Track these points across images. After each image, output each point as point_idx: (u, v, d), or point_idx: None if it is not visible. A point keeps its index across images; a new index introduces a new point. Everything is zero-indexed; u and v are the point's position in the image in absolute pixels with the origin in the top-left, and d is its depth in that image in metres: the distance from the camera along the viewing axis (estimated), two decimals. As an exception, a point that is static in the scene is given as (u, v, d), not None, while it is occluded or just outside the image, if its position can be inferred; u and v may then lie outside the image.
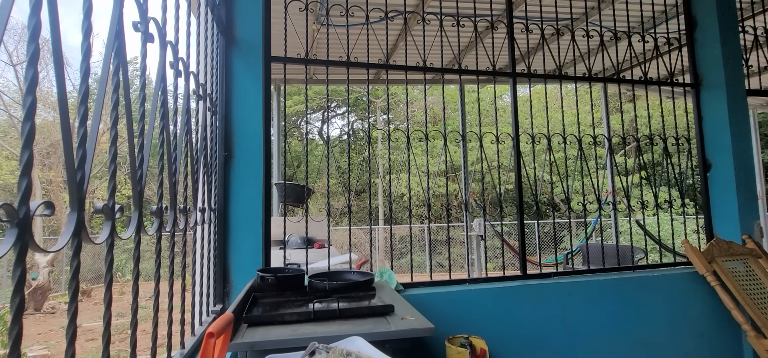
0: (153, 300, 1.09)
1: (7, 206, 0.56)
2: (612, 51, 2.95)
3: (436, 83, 5.43)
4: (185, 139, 1.35)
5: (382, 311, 1.33)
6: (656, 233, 2.86)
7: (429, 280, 2.31)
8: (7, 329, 1.98)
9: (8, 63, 12.92)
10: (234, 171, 1.91)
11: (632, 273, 2.51)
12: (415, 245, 12.33)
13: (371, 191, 2.93)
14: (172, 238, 1.23)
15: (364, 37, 2.44)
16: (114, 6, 0.86)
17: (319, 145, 15.90)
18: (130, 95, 0.94)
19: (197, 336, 1.41)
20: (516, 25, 2.60)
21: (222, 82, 1.90)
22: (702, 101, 2.84)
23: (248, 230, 1.91)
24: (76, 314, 0.73)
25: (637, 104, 7.77)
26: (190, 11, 1.45)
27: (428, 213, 2.56)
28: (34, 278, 8.14)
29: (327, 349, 0.93)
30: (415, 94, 14.42)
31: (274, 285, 1.57)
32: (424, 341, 1.99)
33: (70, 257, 0.74)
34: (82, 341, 6.44)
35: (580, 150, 2.59)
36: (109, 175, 0.87)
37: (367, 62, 2.30)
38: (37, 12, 0.62)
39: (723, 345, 2.49)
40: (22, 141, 0.59)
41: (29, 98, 0.60)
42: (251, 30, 1.99)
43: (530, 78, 2.55)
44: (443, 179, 11.17)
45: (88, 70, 0.77)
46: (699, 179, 2.82)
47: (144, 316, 1.10)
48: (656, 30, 3.08)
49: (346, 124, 6.51)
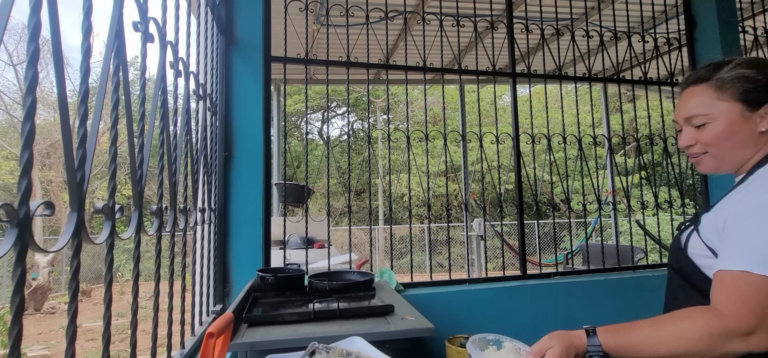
0: (153, 300, 1.09)
1: (7, 206, 0.56)
2: (612, 51, 2.95)
3: (436, 83, 5.43)
4: (185, 139, 1.35)
5: (382, 311, 1.33)
6: (656, 233, 2.86)
7: (429, 280, 2.31)
8: (7, 329, 1.98)
9: (8, 63, 12.93)
10: (234, 171, 1.91)
11: (632, 273, 2.51)
12: (415, 245, 12.34)
13: (371, 191, 2.93)
14: (172, 238, 1.23)
15: (364, 37, 2.44)
16: (114, 6, 0.86)
17: (319, 145, 15.90)
18: (130, 95, 0.94)
19: (197, 336, 1.41)
20: (516, 25, 2.60)
21: (222, 82, 1.90)
22: (702, 101, 2.84)
23: (248, 230, 1.91)
24: (76, 314, 0.73)
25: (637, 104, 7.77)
26: (190, 11, 1.45)
27: (428, 213, 2.56)
28: (34, 278, 8.15)
29: (327, 349, 0.93)
30: (415, 94, 14.42)
31: (274, 285, 1.57)
32: (424, 341, 1.99)
33: (70, 257, 0.73)
34: (82, 341, 6.44)
35: (580, 150, 2.59)
36: (109, 176, 0.87)
37: (367, 62, 2.30)
38: (37, 12, 0.62)
39: (723, 345, 2.49)
40: (22, 141, 0.59)
41: (29, 98, 0.60)
42: (251, 30, 1.99)
43: (530, 78, 2.55)
44: (443, 179, 11.17)
45: (88, 70, 0.77)
46: (699, 179, 2.82)
47: (144, 316, 1.09)
48: (656, 30, 3.08)
49: (346, 124, 6.51)
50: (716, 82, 0.92)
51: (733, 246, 0.82)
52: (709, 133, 0.92)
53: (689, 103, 0.95)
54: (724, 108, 0.90)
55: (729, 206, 0.90)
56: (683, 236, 0.99)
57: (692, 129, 0.95)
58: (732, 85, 0.90)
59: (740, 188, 0.92)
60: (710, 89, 0.92)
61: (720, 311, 0.78)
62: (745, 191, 0.89)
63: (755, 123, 0.89)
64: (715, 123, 0.91)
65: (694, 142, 0.96)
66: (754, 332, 0.76)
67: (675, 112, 1.02)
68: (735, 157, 0.93)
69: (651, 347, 0.81)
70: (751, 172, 0.92)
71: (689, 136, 0.96)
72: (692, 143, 0.96)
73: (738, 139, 0.90)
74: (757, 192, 0.86)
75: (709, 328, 0.77)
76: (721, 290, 0.81)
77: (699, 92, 0.94)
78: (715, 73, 0.93)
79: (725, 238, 0.85)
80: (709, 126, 0.92)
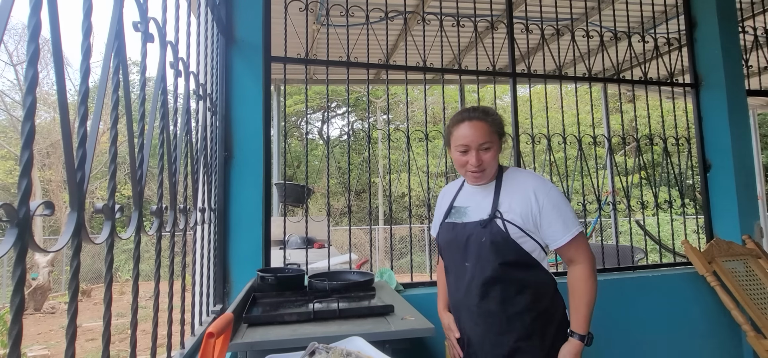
0: (153, 300, 1.09)
1: (7, 206, 0.56)
2: (612, 51, 2.95)
3: (436, 83, 5.43)
4: (185, 139, 1.35)
5: (382, 311, 1.33)
6: (656, 233, 2.86)
7: (429, 280, 2.31)
8: (7, 329, 1.98)
9: (8, 63, 12.93)
10: (234, 171, 1.91)
11: (632, 273, 2.51)
12: (415, 245, 12.33)
13: (371, 191, 2.93)
14: (172, 238, 1.23)
15: (364, 37, 2.44)
16: (114, 6, 0.86)
17: (319, 145, 15.89)
18: (130, 95, 0.94)
19: (197, 336, 1.41)
20: (516, 26, 2.60)
21: (222, 82, 1.90)
22: (702, 101, 2.84)
23: (248, 230, 1.91)
24: (76, 314, 0.73)
25: (637, 104, 7.77)
26: (190, 11, 1.45)
27: (428, 213, 2.55)
28: (34, 278, 8.14)
29: (327, 349, 0.93)
30: (415, 94, 14.42)
31: (274, 285, 1.57)
32: (424, 341, 1.99)
33: (70, 257, 0.73)
34: (82, 341, 6.44)
35: (580, 150, 2.59)
36: (109, 175, 0.87)
37: (367, 62, 2.30)
38: (37, 12, 0.62)
39: (723, 345, 2.49)
40: (22, 141, 0.59)
41: (29, 98, 0.60)
42: (251, 30, 1.99)
43: (530, 78, 2.55)
44: (443, 179, 11.16)
45: (88, 70, 0.77)
46: (699, 179, 2.82)
47: (144, 316, 1.09)
48: (656, 30, 3.08)
49: (346, 124, 6.51)
50: (490, 122, 1.37)
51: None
52: (489, 155, 1.36)
53: (477, 134, 1.35)
54: (494, 140, 1.37)
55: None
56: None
57: (481, 152, 1.36)
58: (495, 125, 1.38)
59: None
60: (489, 126, 1.36)
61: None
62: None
63: (499, 150, 1.41)
64: (492, 149, 1.36)
65: (481, 161, 1.36)
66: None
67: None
68: (490, 173, 1.40)
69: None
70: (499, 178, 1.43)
71: (479, 157, 1.36)
72: (481, 162, 1.36)
73: (495, 161, 1.39)
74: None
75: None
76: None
77: (483, 127, 1.36)
78: (487, 115, 1.38)
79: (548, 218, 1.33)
80: (491, 150, 1.36)
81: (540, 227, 1.33)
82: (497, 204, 1.35)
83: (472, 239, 1.36)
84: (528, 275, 1.34)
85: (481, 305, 1.35)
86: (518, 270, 1.33)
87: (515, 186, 1.37)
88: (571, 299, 1.35)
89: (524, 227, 1.31)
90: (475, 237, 1.36)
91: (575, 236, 1.32)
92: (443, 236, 1.48)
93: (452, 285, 1.47)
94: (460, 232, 1.40)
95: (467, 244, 1.38)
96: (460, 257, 1.41)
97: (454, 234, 1.43)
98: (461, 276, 1.41)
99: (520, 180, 1.38)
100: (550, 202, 1.32)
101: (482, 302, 1.35)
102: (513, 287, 1.33)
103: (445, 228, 1.47)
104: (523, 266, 1.34)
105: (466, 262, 1.39)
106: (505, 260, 1.32)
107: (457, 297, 1.44)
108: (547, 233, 1.33)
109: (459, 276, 1.42)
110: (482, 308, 1.35)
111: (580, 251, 1.34)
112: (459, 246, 1.40)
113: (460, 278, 1.41)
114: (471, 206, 1.43)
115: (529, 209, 1.32)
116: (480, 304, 1.35)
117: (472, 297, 1.37)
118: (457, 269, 1.43)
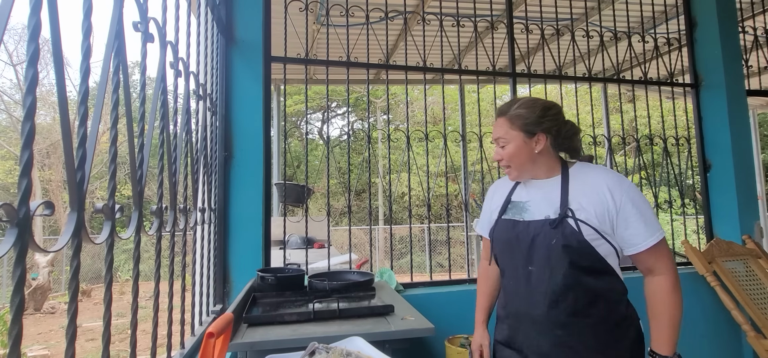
0: (153, 300, 1.09)
1: (7, 206, 0.56)
2: (612, 51, 2.95)
3: (436, 83, 5.43)
4: (185, 139, 1.35)
5: (382, 311, 1.33)
6: (656, 233, 2.86)
7: (429, 280, 2.31)
8: (7, 329, 1.98)
9: (8, 63, 12.92)
10: (234, 171, 1.91)
11: (632, 273, 2.51)
12: (415, 245, 12.34)
13: (371, 191, 2.93)
14: (172, 238, 1.23)
15: (364, 37, 2.43)
16: (114, 6, 0.86)
17: (319, 146, 15.89)
18: (130, 95, 0.94)
19: (197, 336, 1.41)
20: (516, 26, 2.60)
21: (222, 82, 1.90)
22: (702, 101, 2.84)
23: (248, 230, 1.91)
24: (76, 314, 0.73)
25: (637, 104, 7.77)
26: (190, 11, 1.45)
27: (428, 213, 2.56)
28: (34, 278, 8.15)
29: (327, 349, 0.93)
30: (415, 94, 14.42)
31: (274, 285, 1.57)
32: (424, 341, 1.99)
33: (70, 257, 0.74)
34: (82, 341, 6.44)
35: (580, 150, 2.59)
36: (109, 176, 0.87)
37: (367, 62, 2.30)
38: (37, 12, 0.62)
39: (723, 345, 2.49)
40: (22, 141, 0.59)
41: (29, 98, 0.60)
42: (251, 30, 1.99)
43: (530, 78, 2.55)
44: (443, 179, 11.17)
45: (88, 70, 0.77)
46: (699, 179, 2.82)
47: (144, 316, 1.09)
48: (656, 30, 3.08)
49: (346, 124, 6.51)
50: (508, 117, 1.27)
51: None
52: (506, 152, 1.26)
53: (495, 129, 1.30)
54: (512, 136, 1.25)
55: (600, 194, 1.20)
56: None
57: (500, 148, 1.29)
58: (515, 120, 1.25)
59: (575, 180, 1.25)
60: (507, 121, 1.27)
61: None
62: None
63: (532, 146, 1.25)
64: (508, 145, 1.26)
65: (501, 157, 1.29)
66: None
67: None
68: (524, 169, 1.28)
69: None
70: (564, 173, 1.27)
71: (498, 152, 1.30)
72: (500, 158, 1.29)
73: (522, 157, 1.25)
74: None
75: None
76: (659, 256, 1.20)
77: (501, 123, 1.29)
78: (509, 109, 1.27)
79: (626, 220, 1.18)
80: (507, 146, 1.26)
81: (616, 229, 1.16)
82: (567, 202, 1.19)
83: (539, 240, 1.19)
84: (601, 282, 1.18)
85: (549, 315, 1.19)
86: (591, 277, 1.17)
87: (585, 182, 1.21)
88: (652, 315, 1.20)
89: (600, 228, 1.15)
90: (543, 238, 1.19)
91: (658, 241, 1.15)
92: (500, 235, 1.31)
93: (510, 291, 1.30)
94: (523, 231, 1.24)
95: (532, 245, 1.21)
96: (523, 259, 1.23)
97: (514, 233, 1.26)
98: (524, 282, 1.24)
99: (591, 175, 1.22)
100: (629, 200, 1.15)
101: (551, 312, 1.18)
102: (586, 296, 1.17)
103: (504, 226, 1.30)
104: (597, 273, 1.18)
105: (530, 266, 1.22)
106: (578, 265, 1.16)
107: (517, 305, 1.27)
108: (624, 237, 1.16)
109: (520, 281, 1.25)
110: (550, 319, 1.19)
111: (662, 260, 1.17)
112: (521, 247, 1.23)
113: (522, 284, 1.24)
114: (532, 202, 1.26)
115: (605, 208, 1.15)
116: (548, 313, 1.19)
117: (538, 306, 1.20)
118: (518, 273, 1.26)
